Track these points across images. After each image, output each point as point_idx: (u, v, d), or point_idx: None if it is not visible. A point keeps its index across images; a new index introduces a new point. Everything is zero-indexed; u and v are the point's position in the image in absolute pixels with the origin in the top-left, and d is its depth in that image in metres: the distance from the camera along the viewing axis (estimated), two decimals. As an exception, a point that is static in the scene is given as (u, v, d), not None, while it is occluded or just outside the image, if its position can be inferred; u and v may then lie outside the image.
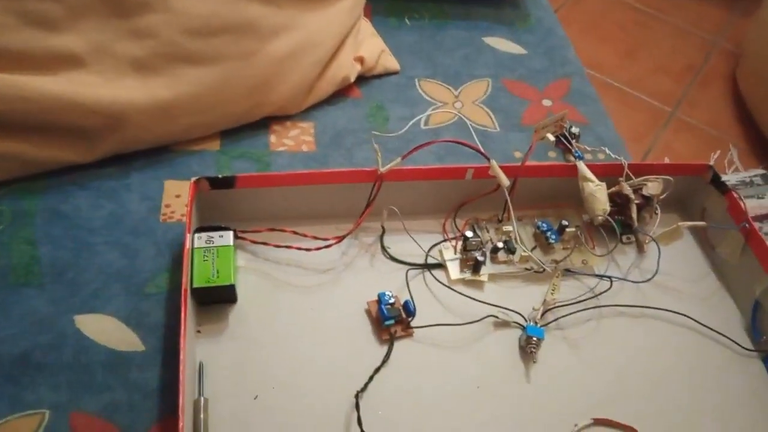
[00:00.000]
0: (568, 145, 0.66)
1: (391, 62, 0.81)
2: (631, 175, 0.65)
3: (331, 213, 0.62)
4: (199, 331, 0.54)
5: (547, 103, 0.82)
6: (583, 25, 1.40)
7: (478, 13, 0.92)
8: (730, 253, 0.65)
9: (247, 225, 0.60)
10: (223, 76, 0.66)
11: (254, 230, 0.58)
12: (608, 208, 0.62)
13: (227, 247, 0.55)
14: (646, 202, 0.65)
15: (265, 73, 0.68)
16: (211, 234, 0.56)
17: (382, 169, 0.59)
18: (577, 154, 0.64)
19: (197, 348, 0.53)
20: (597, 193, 0.62)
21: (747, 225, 0.63)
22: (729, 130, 1.29)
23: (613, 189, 0.64)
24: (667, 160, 1.17)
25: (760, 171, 1.21)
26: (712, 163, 1.13)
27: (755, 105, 1.23)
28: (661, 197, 0.65)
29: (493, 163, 0.60)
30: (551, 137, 0.64)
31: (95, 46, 0.61)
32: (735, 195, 0.65)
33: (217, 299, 0.55)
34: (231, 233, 0.56)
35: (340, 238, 0.59)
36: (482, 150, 0.60)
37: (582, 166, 0.64)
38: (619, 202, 0.65)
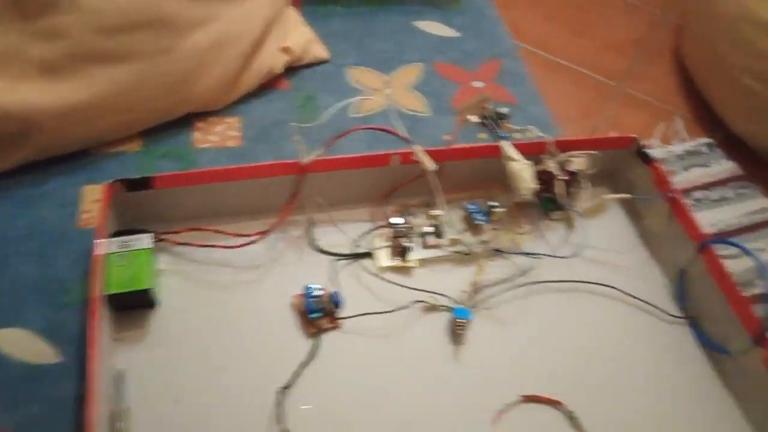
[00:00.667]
0: (493, 125, 0.66)
1: (320, 51, 0.80)
2: (556, 152, 0.65)
3: (256, 208, 0.61)
4: (118, 339, 0.53)
5: (478, 84, 0.81)
6: (530, 5, 1.40)
7: (409, -4, 0.91)
8: (657, 222, 0.66)
9: (170, 226, 0.58)
10: (140, 74, 0.65)
11: (174, 231, 0.57)
12: (533, 186, 0.62)
13: (144, 251, 0.54)
14: (573, 177, 0.65)
15: (184, 69, 0.67)
16: (126, 238, 0.54)
17: (304, 161, 0.59)
18: (500, 135, 0.64)
19: (117, 356, 0.52)
20: (521, 172, 0.62)
21: (671, 194, 0.63)
22: (675, 101, 1.30)
23: (539, 167, 0.64)
24: (613, 135, 1.18)
25: (706, 140, 1.23)
26: (658, 134, 1.14)
27: (698, 76, 1.25)
28: (588, 172, 0.66)
29: (417, 148, 0.60)
30: (474, 119, 0.63)
31: (1, 50, 0.59)
32: (658, 165, 0.65)
33: (136, 305, 0.54)
34: (148, 236, 0.55)
35: (264, 234, 0.59)
36: (405, 135, 0.60)
37: (506, 145, 0.63)
38: (545, 179, 0.65)
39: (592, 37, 1.40)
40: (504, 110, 0.75)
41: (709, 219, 1.04)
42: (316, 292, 0.56)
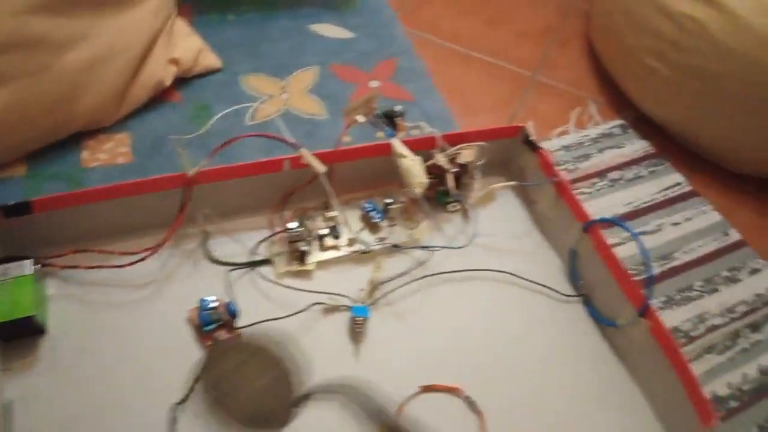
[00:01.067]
0: (380, 124, 0.66)
1: (211, 60, 0.80)
2: (446, 145, 0.67)
3: (147, 225, 0.60)
4: (7, 369, 0.51)
5: (374, 84, 0.82)
6: (445, 0, 1.42)
7: (304, 0, 0.91)
8: (547, 206, 0.68)
9: (58, 249, 0.57)
10: (16, 96, 0.62)
11: (56, 255, 0.56)
12: (425, 181, 0.64)
13: (25, 277, 0.52)
14: (464, 169, 0.67)
15: (63, 88, 0.65)
16: (5, 266, 0.53)
17: (190, 172, 0.58)
18: (389, 133, 0.65)
19: (6, 386, 0.51)
20: (411, 168, 0.64)
21: (556, 179, 0.66)
22: (588, 86, 1.34)
23: (430, 162, 0.66)
24: (530, 123, 1.22)
25: (619, 122, 1.28)
26: (573, 120, 1.19)
27: (607, 59, 1.29)
28: (478, 163, 0.68)
29: (304, 151, 0.61)
30: (362, 119, 0.64)
31: None
32: (544, 152, 0.68)
33: (22, 333, 0.52)
34: (28, 262, 0.53)
35: (153, 250, 0.58)
36: (291, 140, 0.60)
37: (395, 142, 0.65)
38: (437, 173, 0.66)
39: (505, 28, 1.43)
40: (398, 108, 0.76)
41: (625, 198, 1.08)
42: (210, 304, 0.56)
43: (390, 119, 0.76)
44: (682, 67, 1.13)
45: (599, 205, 1.05)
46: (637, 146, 1.18)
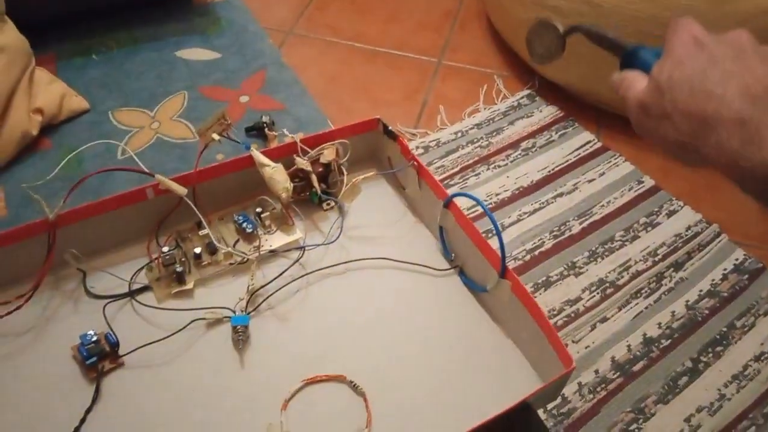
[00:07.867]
0: (228, 137, 0.68)
1: (78, 103, 0.81)
2: (306, 149, 0.69)
3: (22, 274, 0.61)
4: None
5: (244, 99, 0.85)
6: (341, 3, 1.44)
7: (167, 29, 0.93)
8: (414, 189, 0.71)
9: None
10: None
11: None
12: (290, 186, 0.66)
13: None
14: (328, 168, 0.70)
15: None
16: None
17: (51, 216, 0.60)
18: (245, 146, 0.68)
19: None
20: (275, 175, 0.66)
21: (414, 162, 0.69)
22: (492, 63, 1.39)
23: (293, 168, 0.68)
24: (441, 108, 1.26)
25: (525, 92, 1.33)
26: (481, 97, 1.22)
27: (507, 33, 1.33)
28: (343, 160, 0.71)
29: (160, 177, 0.62)
30: (216, 137, 0.66)
31: None
32: (402, 140, 0.71)
33: None
34: None
35: (26, 297, 0.59)
36: (142, 169, 0.62)
37: (256, 153, 0.67)
38: (302, 176, 0.69)
39: (405, 20, 1.47)
40: (266, 118, 0.79)
41: (539, 164, 1.13)
42: (90, 338, 0.57)
43: (260, 130, 0.79)
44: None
45: (516, 175, 1.09)
46: (545, 112, 1.22)
